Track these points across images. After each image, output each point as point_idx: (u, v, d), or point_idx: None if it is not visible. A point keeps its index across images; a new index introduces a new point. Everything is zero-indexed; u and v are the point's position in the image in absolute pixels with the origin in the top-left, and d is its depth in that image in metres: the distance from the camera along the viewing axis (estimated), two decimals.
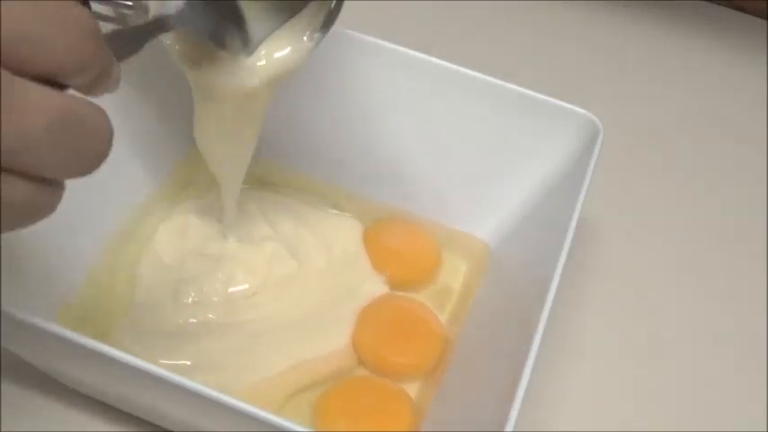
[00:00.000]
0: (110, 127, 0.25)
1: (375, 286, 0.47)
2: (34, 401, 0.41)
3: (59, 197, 0.25)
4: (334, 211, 0.50)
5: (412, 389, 0.44)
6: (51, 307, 0.41)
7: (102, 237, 0.45)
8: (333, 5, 0.39)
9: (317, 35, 0.39)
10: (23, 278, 0.38)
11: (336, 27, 0.38)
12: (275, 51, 0.38)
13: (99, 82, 0.25)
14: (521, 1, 0.69)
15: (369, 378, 0.44)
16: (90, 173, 0.25)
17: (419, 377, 0.44)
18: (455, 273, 0.49)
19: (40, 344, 0.35)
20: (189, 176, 0.50)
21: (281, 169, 0.51)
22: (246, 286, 0.45)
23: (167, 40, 0.38)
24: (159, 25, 0.33)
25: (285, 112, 0.49)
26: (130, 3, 0.47)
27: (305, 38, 0.39)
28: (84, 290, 0.43)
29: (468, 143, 0.48)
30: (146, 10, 0.36)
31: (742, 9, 0.72)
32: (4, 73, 0.22)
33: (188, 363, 0.42)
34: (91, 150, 0.24)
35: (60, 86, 0.24)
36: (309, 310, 0.45)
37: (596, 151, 0.44)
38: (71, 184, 0.25)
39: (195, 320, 0.44)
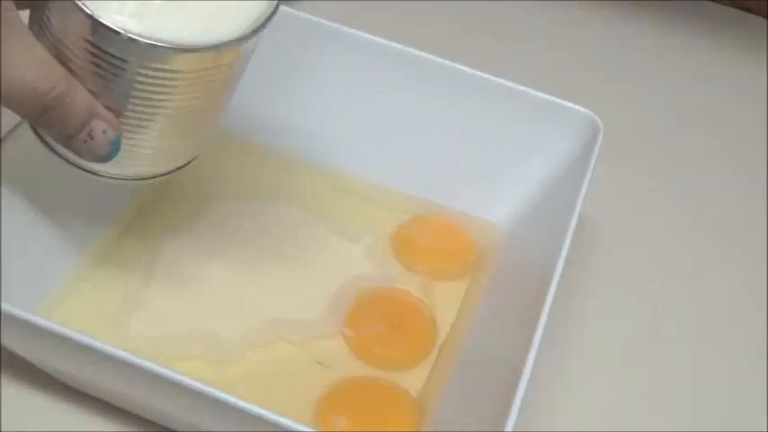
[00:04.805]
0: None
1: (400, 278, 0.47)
2: (34, 401, 0.41)
3: None
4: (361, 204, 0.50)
5: (413, 388, 0.44)
6: (35, 303, 0.41)
7: (97, 230, 0.45)
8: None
9: None
10: (10, 274, 0.38)
11: (343, 29, 0.38)
12: None
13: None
14: (521, 0, 0.69)
15: (370, 378, 0.44)
16: None
17: (413, 366, 0.44)
18: None
19: (35, 341, 0.35)
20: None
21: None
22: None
23: None
24: None
25: (303, 109, 0.49)
26: None
27: None
28: (72, 285, 0.43)
29: (469, 142, 0.48)
30: None
31: (747, 9, 0.71)
32: None
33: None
34: None
35: None
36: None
37: (596, 149, 0.44)
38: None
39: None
